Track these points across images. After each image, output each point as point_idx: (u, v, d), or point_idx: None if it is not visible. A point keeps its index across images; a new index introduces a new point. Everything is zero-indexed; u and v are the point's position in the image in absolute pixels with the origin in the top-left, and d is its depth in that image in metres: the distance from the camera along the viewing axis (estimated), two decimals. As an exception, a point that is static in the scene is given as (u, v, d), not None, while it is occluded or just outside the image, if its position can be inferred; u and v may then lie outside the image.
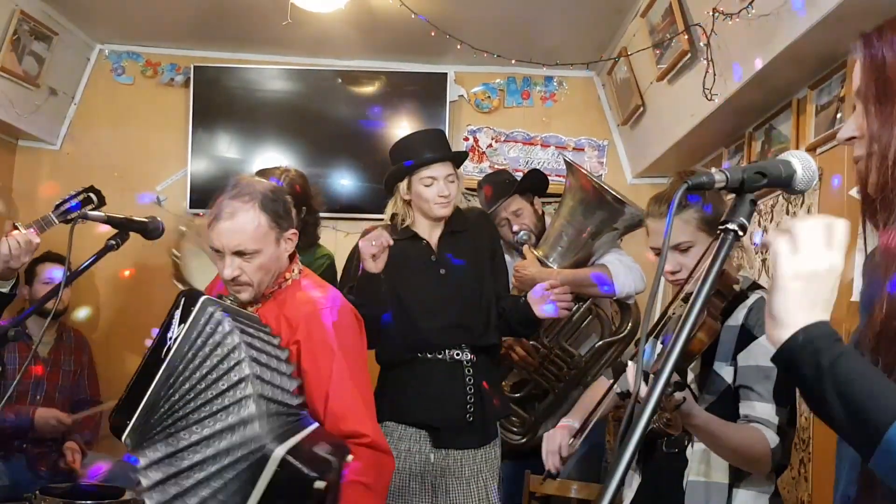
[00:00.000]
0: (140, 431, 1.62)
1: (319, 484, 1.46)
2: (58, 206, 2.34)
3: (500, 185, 3.17)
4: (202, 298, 1.65)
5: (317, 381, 1.73)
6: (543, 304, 2.42)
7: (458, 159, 2.60)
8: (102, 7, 3.79)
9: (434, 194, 2.46)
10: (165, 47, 4.27)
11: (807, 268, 0.96)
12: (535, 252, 2.95)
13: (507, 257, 3.24)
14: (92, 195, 2.39)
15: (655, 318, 2.03)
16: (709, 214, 1.94)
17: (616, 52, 3.77)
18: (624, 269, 2.89)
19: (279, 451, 1.48)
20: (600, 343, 2.98)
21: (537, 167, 4.12)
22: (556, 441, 2.14)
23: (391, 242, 2.25)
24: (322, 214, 4.06)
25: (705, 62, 2.87)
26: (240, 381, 1.55)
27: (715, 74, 2.85)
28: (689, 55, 3.02)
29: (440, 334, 2.44)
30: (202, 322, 1.62)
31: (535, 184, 3.16)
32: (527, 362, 2.96)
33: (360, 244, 2.25)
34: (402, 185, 2.51)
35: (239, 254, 1.80)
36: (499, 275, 2.64)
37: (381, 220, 3.82)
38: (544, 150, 4.29)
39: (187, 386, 1.59)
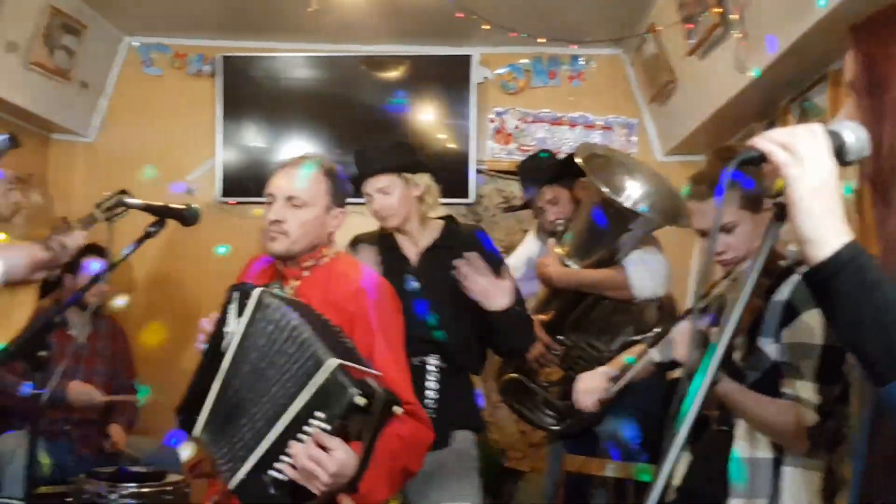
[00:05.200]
0: (214, 423, 1.66)
1: (360, 400, 1.45)
2: (98, 205, 2.42)
3: (533, 171, 3.09)
4: (256, 291, 1.68)
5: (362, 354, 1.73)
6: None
7: (384, 169, 2.35)
8: (130, -1, 3.83)
9: (374, 211, 2.40)
10: (193, 38, 4.30)
11: (819, 181, 0.97)
12: (559, 250, 2.91)
13: (536, 246, 3.21)
14: (123, 198, 2.44)
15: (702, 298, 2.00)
16: (750, 191, 1.91)
17: (644, 28, 3.72)
18: (645, 272, 2.79)
19: (332, 361, 1.49)
20: (630, 339, 2.94)
21: (565, 147, 4.11)
22: (594, 381, 2.14)
23: None
24: (349, 200, 4.11)
25: (738, 35, 2.82)
26: (305, 347, 1.57)
27: (748, 47, 2.80)
28: (721, 28, 2.97)
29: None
30: (260, 313, 1.65)
31: (572, 168, 2.97)
32: (546, 358, 2.93)
33: None
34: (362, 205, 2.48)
35: (290, 199, 1.84)
36: None
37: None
38: (572, 129, 4.25)
39: (252, 371, 1.62)
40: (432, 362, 2.35)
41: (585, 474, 2.82)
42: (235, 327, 1.67)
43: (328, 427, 1.48)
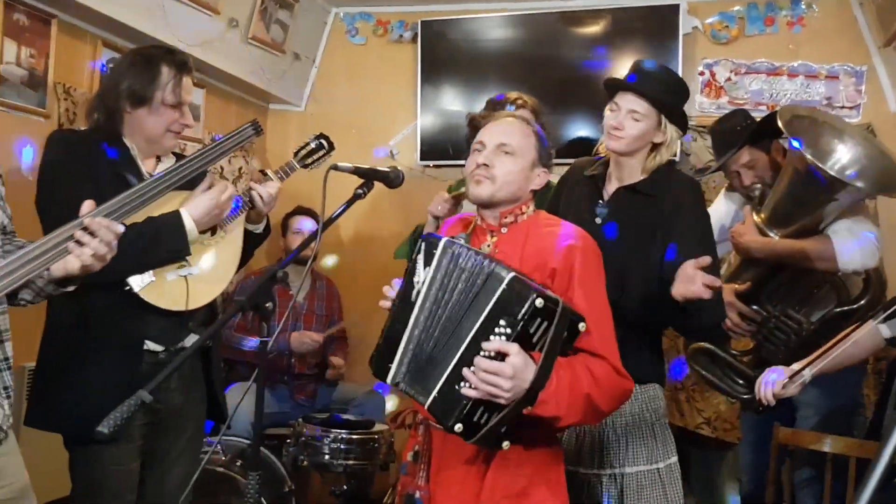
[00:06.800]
0: (410, 370, 1.71)
1: (539, 301, 1.50)
2: (296, 153, 2.51)
3: (728, 134, 2.87)
4: (443, 240, 1.72)
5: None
6: (687, 286, 1.92)
7: (658, 101, 2.15)
8: (336, -30, 3.99)
9: (608, 123, 2.19)
10: (394, 5, 4.41)
11: None
12: (756, 217, 2.67)
13: (728, 208, 2.97)
14: (323, 141, 2.52)
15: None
16: None
17: (881, -38, 3.31)
18: (852, 243, 2.53)
19: (510, 273, 1.56)
20: (834, 312, 2.67)
21: (784, 100, 3.78)
22: (776, 375, 2.23)
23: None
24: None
25: None
26: (486, 270, 1.63)
27: None
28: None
29: None
30: (446, 261, 1.69)
31: (770, 130, 2.72)
32: (741, 328, 2.73)
33: None
34: (606, 110, 2.26)
35: (501, 146, 1.85)
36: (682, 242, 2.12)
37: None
38: (791, 80, 3.89)
39: (446, 316, 1.67)
40: None
41: (788, 446, 2.65)
42: (424, 276, 1.72)
43: (509, 331, 1.53)
